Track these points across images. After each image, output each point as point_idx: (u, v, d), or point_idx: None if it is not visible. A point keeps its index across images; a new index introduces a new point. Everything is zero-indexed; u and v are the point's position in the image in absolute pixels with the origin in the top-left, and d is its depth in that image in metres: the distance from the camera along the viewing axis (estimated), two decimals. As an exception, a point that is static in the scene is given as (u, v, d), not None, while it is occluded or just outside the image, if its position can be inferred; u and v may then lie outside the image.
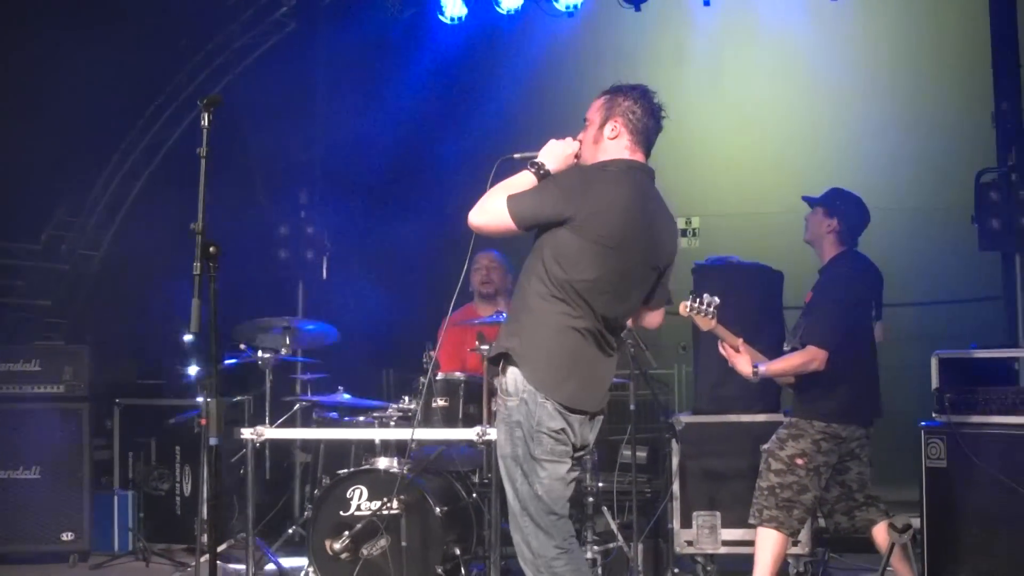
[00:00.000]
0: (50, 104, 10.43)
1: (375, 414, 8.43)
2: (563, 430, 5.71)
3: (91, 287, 11.64)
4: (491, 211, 5.69)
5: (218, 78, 12.11)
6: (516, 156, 5.95)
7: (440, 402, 8.16)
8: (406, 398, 8.37)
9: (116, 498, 10.16)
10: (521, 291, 5.81)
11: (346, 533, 7.83)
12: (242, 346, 9.02)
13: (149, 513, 10.42)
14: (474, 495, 8.27)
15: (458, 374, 8.27)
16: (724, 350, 7.55)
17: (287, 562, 9.23)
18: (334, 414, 9.00)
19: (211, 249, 5.66)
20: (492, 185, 5.77)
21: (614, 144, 5.85)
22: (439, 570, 7.78)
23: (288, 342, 9.18)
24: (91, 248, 12.09)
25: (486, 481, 7.97)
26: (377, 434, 8.24)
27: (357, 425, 8.59)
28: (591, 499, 8.34)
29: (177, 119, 12.43)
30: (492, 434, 7.47)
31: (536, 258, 5.73)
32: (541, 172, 5.77)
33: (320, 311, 11.26)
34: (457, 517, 8.16)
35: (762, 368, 7.44)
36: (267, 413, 8.99)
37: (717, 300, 7.43)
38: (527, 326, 5.71)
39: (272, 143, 11.66)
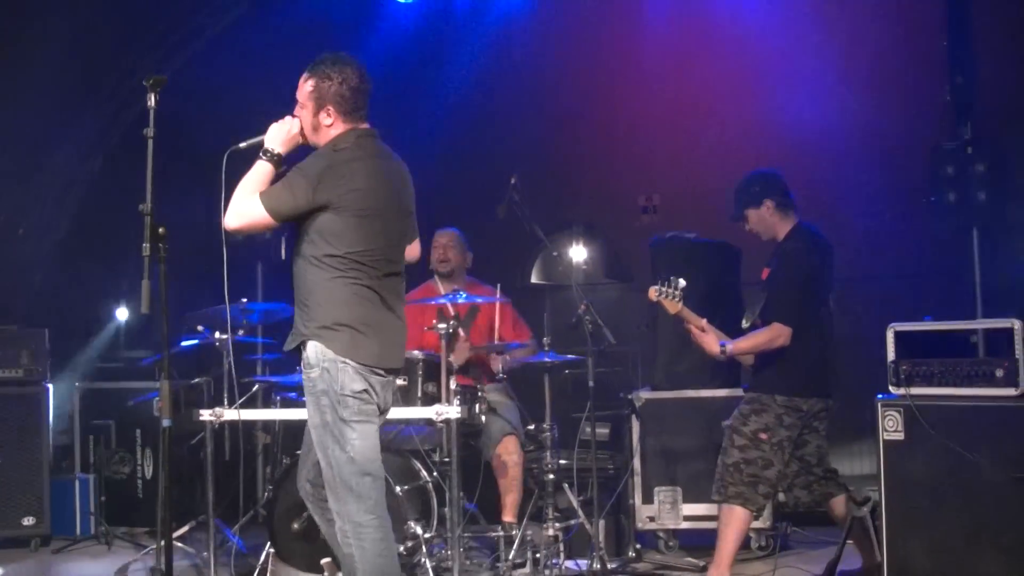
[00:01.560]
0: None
1: (334, 394, 8.40)
2: (366, 391, 6.03)
3: (49, 270, 11.55)
4: (247, 213, 5.97)
5: (172, 59, 12.05)
6: (242, 146, 6.19)
7: (398, 381, 8.15)
8: (364, 377, 8.34)
9: (77, 482, 10.13)
10: (301, 279, 6.12)
11: (305, 513, 7.80)
12: (199, 327, 8.99)
13: (110, 497, 10.38)
14: (434, 473, 8.26)
15: (416, 353, 8.23)
16: (689, 331, 7.60)
17: (249, 543, 9.23)
18: (293, 394, 8.97)
19: (160, 230, 5.67)
20: (225, 180, 5.98)
21: (333, 127, 6.16)
22: (400, 549, 7.75)
23: (244, 322, 9.16)
24: (49, 230, 12.02)
25: (446, 460, 7.96)
26: (336, 414, 8.21)
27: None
28: (552, 476, 8.34)
29: (133, 100, 12.35)
30: (451, 413, 7.51)
31: (305, 244, 6.05)
32: (274, 158, 6.11)
33: (279, 291, 11.23)
34: (417, 496, 8.16)
35: (729, 346, 7.51)
36: (225, 395, 8.96)
37: (683, 283, 7.51)
38: (315, 306, 6.04)
39: (228, 125, 11.60)
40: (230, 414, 8.18)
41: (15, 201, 11.23)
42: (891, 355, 7.33)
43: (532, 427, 8.78)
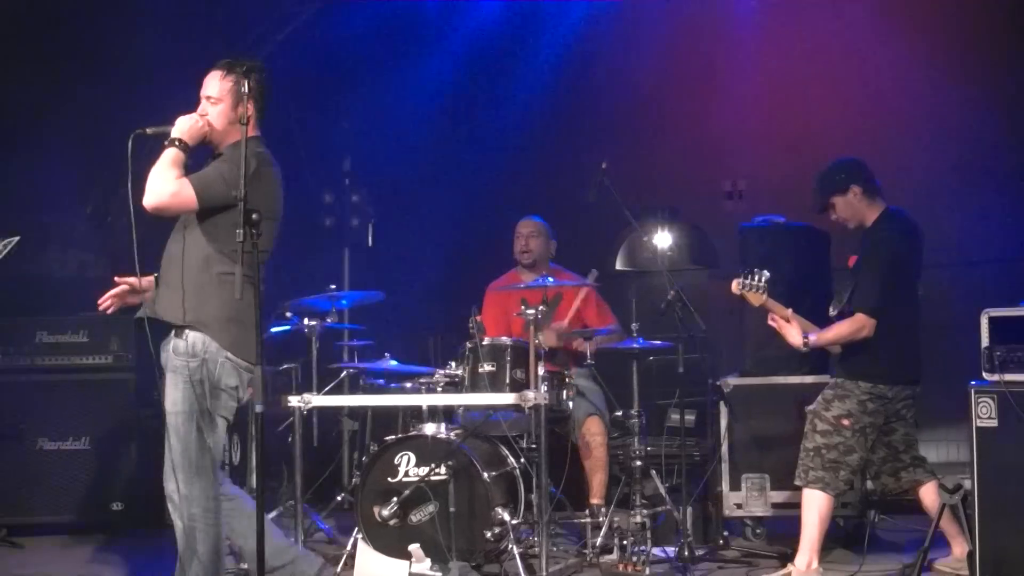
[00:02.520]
0: (94, 81, 10.45)
1: (422, 380, 8.43)
2: (236, 387, 6.27)
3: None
4: (176, 193, 6.02)
5: (258, 48, 12.09)
6: (149, 131, 6.20)
7: (487, 367, 8.16)
8: (452, 364, 8.36)
9: (165, 468, 10.18)
10: (188, 266, 6.17)
11: (394, 499, 7.83)
12: (288, 314, 9.03)
13: (198, 482, 10.43)
14: (522, 460, 8.26)
15: (504, 339, 8.27)
16: (774, 322, 7.54)
17: (334, 529, 9.27)
18: (381, 380, 9.00)
19: (253, 216, 5.68)
20: (131, 162, 6.05)
21: (243, 123, 6.10)
22: (487, 535, 7.77)
23: (333, 309, 9.18)
24: (136, 217, 12.09)
25: (533, 446, 7.96)
26: (424, 400, 8.23)
27: (404, 391, 8.60)
28: (639, 463, 8.32)
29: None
30: (538, 398, 7.50)
31: (207, 235, 6.15)
32: (184, 147, 6.15)
33: (366, 278, 11.27)
34: (505, 482, 8.15)
35: (812, 338, 7.44)
36: (314, 381, 9.00)
37: (767, 274, 7.47)
38: (207, 297, 6.14)
39: (315, 112, 11.66)
40: (318, 400, 8.21)
41: (109, 187, 11.31)
42: (985, 341, 7.21)
43: (619, 413, 8.74)
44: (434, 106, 11.89)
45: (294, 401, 8.06)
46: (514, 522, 7.89)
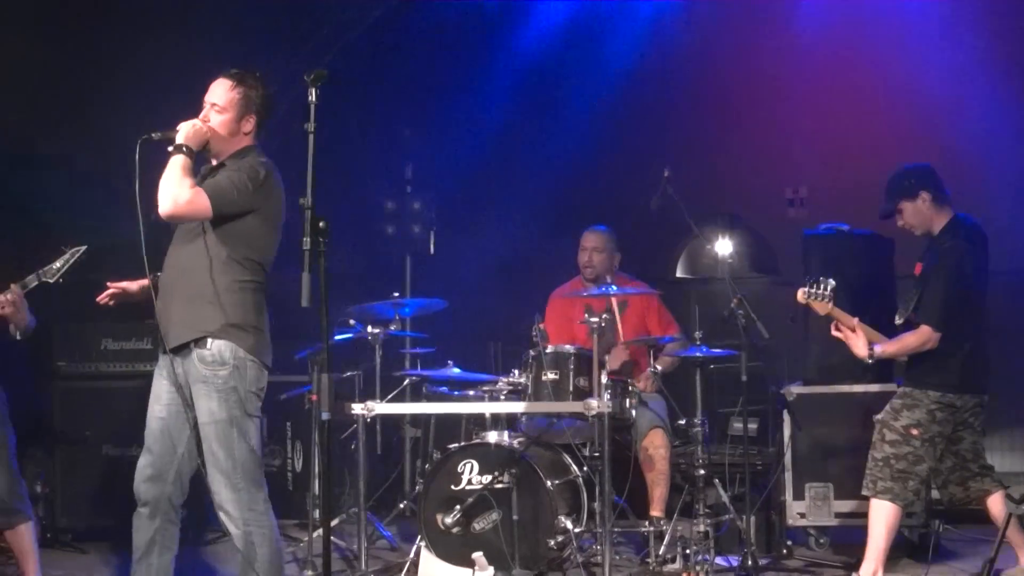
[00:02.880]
0: (152, 87, 10.51)
1: (485, 388, 8.43)
2: (262, 389, 6.36)
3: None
4: (192, 201, 6.01)
5: (320, 53, 12.14)
6: (155, 136, 6.17)
7: (550, 375, 8.15)
8: (515, 371, 8.36)
9: (229, 474, 10.22)
10: (201, 276, 6.14)
11: (457, 507, 7.84)
12: (351, 321, 9.05)
13: (261, 489, 10.49)
14: (584, 468, 8.25)
15: (567, 347, 8.26)
16: (840, 331, 7.50)
17: (396, 536, 9.29)
18: (444, 388, 9.00)
19: (321, 224, 5.69)
20: (140, 167, 6.00)
21: (249, 135, 6.36)
22: (550, 544, 7.78)
23: (397, 317, 9.20)
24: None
25: (596, 454, 7.95)
26: (488, 408, 8.24)
27: (467, 399, 8.60)
28: (702, 472, 8.28)
29: (280, 96, 12.46)
30: (603, 407, 7.49)
31: (219, 244, 6.15)
32: (191, 153, 6.12)
33: (427, 286, 11.28)
34: (568, 490, 8.15)
35: (878, 349, 7.40)
36: (377, 388, 9.02)
37: (833, 283, 7.43)
38: (226, 305, 6.13)
39: (376, 120, 11.69)
40: (381, 408, 8.23)
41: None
42: (1053, 348, 7.19)
43: (682, 422, 8.71)
44: (496, 113, 11.89)
45: (357, 408, 8.09)
46: (577, 530, 7.89)
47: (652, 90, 11.96)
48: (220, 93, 6.30)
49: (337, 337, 9.08)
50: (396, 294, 9.19)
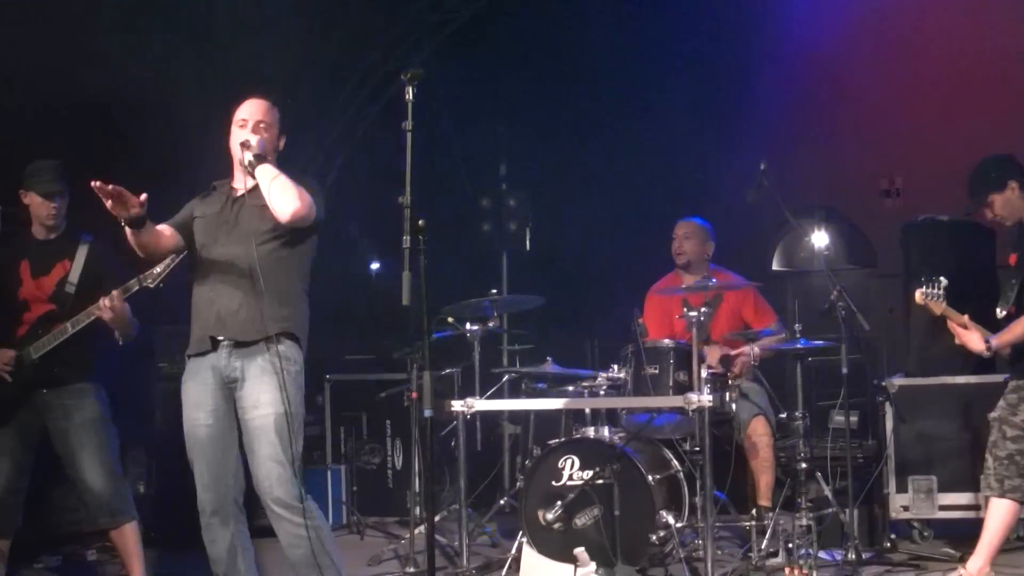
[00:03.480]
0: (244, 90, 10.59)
1: (584, 383, 8.42)
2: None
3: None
4: (309, 203, 6.26)
5: (414, 52, 12.20)
6: (251, 159, 6.30)
7: (650, 370, 8.13)
8: (615, 367, 8.35)
9: (329, 472, 10.30)
10: (275, 277, 6.30)
11: (558, 503, 7.83)
12: (450, 319, 9.08)
13: (361, 487, 10.58)
14: (685, 462, 8.22)
15: (667, 341, 8.25)
16: (952, 329, 7.42)
17: (497, 533, 9.30)
18: (542, 384, 9.00)
19: (420, 222, 5.70)
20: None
21: (278, 152, 6.53)
22: (652, 539, 7.75)
23: (495, 314, 9.21)
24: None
25: (696, 449, 7.93)
26: (588, 403, 8.24)
27: (567, 395, 8.59)
28: (804, 465, 8.22)
29: (373, 97, 12.56)
30: (703, 401, 7.46)
31: (289, 249, 6.37)
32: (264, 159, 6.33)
33: (524, 282, 11.30)
34: (669, 485, 8.12)
35: (994, 342, 7.30)
36: (476, 385, 9.03)
37: (945, 281, 7.37)
38: (294, 304, 6.40)
39: (471, 117, 11.71)
40: (481, 404, 8.25)
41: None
42: None
43: (783, 415, 8.66)
44: (589, 107, 11.88)
45: (457, 406, 8.11)
46: (679, 525, 7.85)
47: (746, 82, 11.90)
48: (263, 112, 6.45)
49: (435, 335, 9.11)
50: (494, 291, 9.19)
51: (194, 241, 6.49)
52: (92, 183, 6.07)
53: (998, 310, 7.50)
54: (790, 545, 7.91)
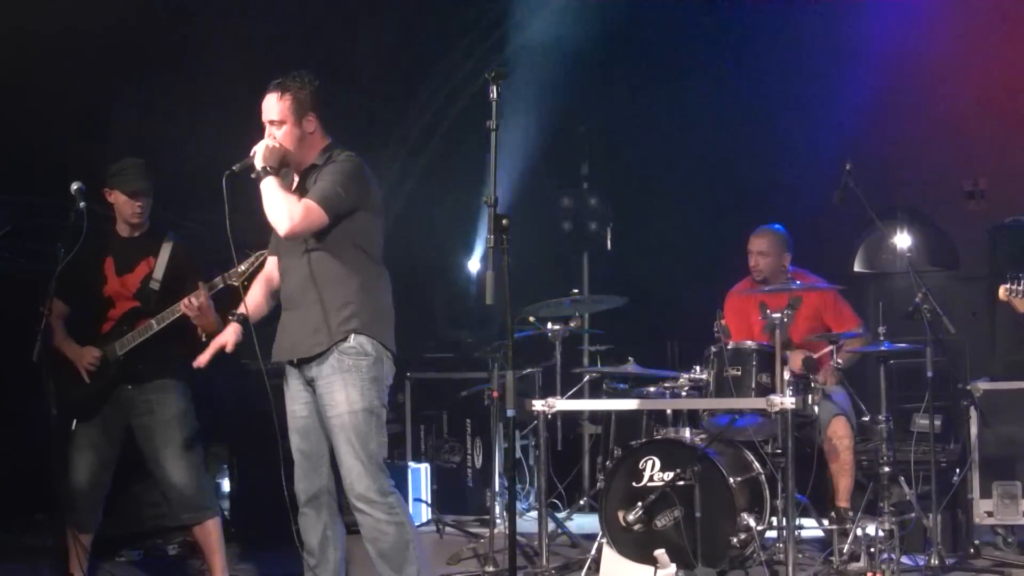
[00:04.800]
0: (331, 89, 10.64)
1: (666, 384, 8.41)
2: (390, 382, 6.49)
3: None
4: (309, 217, 6.13)
5: (496, 51, 12.21)
6: (236, 168, 6.26)
7: (732, 371, 8.10)
8: (697, 368, 8.33)
9: (409, 471, 10.32)
10: (333, 277, 6.32)
11: (639, 504, 7.82)
12: (531, 319, 9.08)
13: (441, 485, 10.60)
14: (767, 465, 8.18)
15: (749, 343, 8.22)
16: None
17: (577, 533, 9.29)
18: (623, 384, 8.99)
19: (503, 221, 5.70)
20: (229, 202, 6.15)
21: (315, 134, 6.44)
22: (733, 541, 7.72)
23: (576, 314, 9.20)
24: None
25: (779, 451, 7.89)
26: (670, 404, 8.22)
27: (649, 395, 8.57)
28: (886, 468, 8.15)
29: (453, 96, 12.58)
30: (786, 403, 7.43)
31: (337, 242, 6.30)
32: (276, 172, 6.23)
33: (605, 282, 11.29)
34: (750, 488, 8.09)
35: None
36: (558, 385, 9.03)
37: None
38: (359, 300, 6.33)
39: (551, 117, 11.70)
40: (562, 404, 8.25)
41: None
42: None
43: (866, 418, 8.60)
44: (671, 107, 11.83)
45: (538, 405, 8.11)
46: (760, 528, 7.82)
47: (829, 83, 11.81)
48: (272, 108, 6.39)
49: (517, 334, 9.12)
50: (575, 291, 9.20)
51: None
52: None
53: None
54: (872, 549, 7.84)
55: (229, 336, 6.64)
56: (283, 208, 6.09)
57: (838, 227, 10.55)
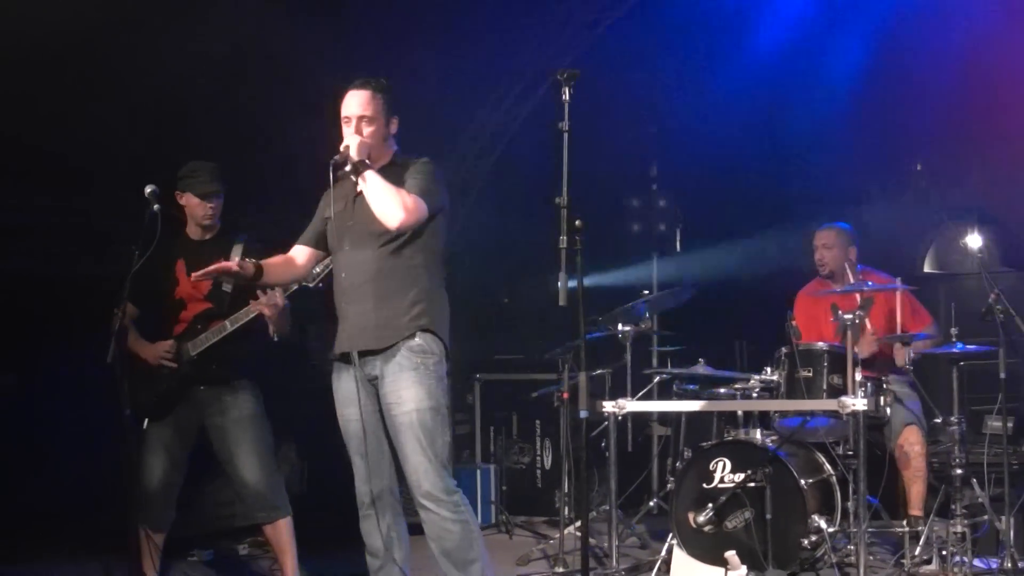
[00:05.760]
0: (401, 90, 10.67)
1: (736, 386, 8.39)
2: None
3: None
4: (416, 211, 6.16)
5: (565, 54, 12.21)
6: (337, 159, 6.24)
7: (803, 372, 8.07)
8: (767, 369, 8.31)
9: (478, 472, 10.35)
10: (402, 273, 6.32)
11: (709, 506, 7.81)
12: (600, 319, 9.08)
13: (510, 486, 10.63)
14: (838, 467, 8.14)
15: (820, 344, 8.19)
16: None
17: (647, 534, 9.28)
18: (693, 386, 8.97)
19: (577, 223, 5.69)
20: (335, 187, 6.27)
21: (391, 138, 6.49)
22: (804, 543, 7.71)
23: (647, 315, 9.19)
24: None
25: (850, 453, 7.85)
26: (741, 406, 8.20)
27: (720, 397, 8.55)
28: (959, 471, 8.09)
29: (523, 97, 12.59)
30: (858, 405, 7.39)
31: (415, 239, 6.31)
32: (371, 167, 6.24)
33: (673, 284, 11.27)
34: (821, 490, 8.07)
35: None
36: (628, 386, 9.02)
37: None
38: (427, 298, 6.34)
39: (619, 117, 11.70)
40: (633, 405, 8.24)
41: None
42: None
43: (938, 420, 8.54)
44: (740, 109, 11.80)
45: (609, 407, 8.10)
46: (831, 530, 7.80)
47: (899, 84, 11.74)
48: (364, 103, 6.36)
49: (587, 336, 9.12)
50: (646, 292, 9.19)
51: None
52: (192, 277, 6.64)
53: None
54: (944, 552, 7.81)
55: (234, 264, 6.66)
56: (395, 199, 6.10)
57: (906, 228, 10.51)
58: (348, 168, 6.21)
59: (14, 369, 10.44)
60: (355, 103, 6.35)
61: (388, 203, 6.10)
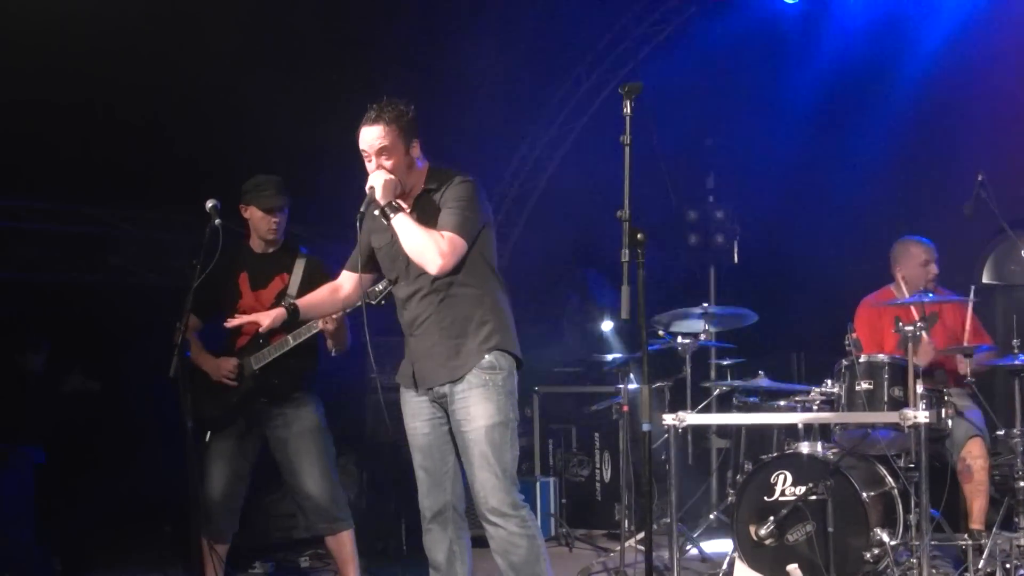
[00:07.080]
0: (463, 98, 10.70)
1: (797, 398, 8.37)
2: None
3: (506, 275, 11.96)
4: (454, 249, 6.13)
5: (620, 66, 12.24)
6: (363, 209, 6.18)
7: (864, 385, 8.04)
8: (828, 381, 8.28)
9: (538, 484, 10.35)
10: (461, 301, 6.29)
11: (771, 518, 7.79)
12: (661, 332, 9.07)
13: (570, 499, 10.63)
14: (900, 480, 8.10)
15: (881, 356, 8.15)
16: None
17: (707, 548, 9.27)
18: (754, 398, 8.95)
19: (639, 236, 5.68)
20: (361, 241, 6.43)
21: (419, 158, 6.37)
22: (866, 556, 7.67)
23: (705, 327, 9.18)
24: (499, 237, 12.39)
25: (911, 466, 7.81)
26: (801, 418, 8.17)
27: (780, 409, 8.53)
28: (1022, 484, 8.04)
29: (580, 109, 12.62)
30: (919, 417, 7.35)
31: (469, 268, 6.26)
32: (399, 207, 6.21)
33: (731, 295, 11.25)
34: (883, 502, 8.03)
35: None
36: (688, 399, 9.00)
37: None
38: (493, 316, 6.32)
39: (678, 129, 11.69)
40: (693, 418, 8.22)
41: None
42: None
43: (1000, 432, 8.48)
44: (799, 120, 11.78)
45: (669, 419, 8.08)
46: (893, 543, 7.76)
47: (960, 93, 11.69)
48: (379, 137, 6.26)
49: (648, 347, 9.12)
50: (705, 304, 9.18)
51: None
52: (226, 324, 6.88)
53: None
54: (1008, 565, 7.76)
55: (267, 317, 6.84)
56: (430, 245, 6.06)
57: (963, 239, 10.44)
58: (377, 213, 6.19)
59: (98, 377, 10.59)
60: (369, 139, 6.28)
61: (423, 252, 6.09)
